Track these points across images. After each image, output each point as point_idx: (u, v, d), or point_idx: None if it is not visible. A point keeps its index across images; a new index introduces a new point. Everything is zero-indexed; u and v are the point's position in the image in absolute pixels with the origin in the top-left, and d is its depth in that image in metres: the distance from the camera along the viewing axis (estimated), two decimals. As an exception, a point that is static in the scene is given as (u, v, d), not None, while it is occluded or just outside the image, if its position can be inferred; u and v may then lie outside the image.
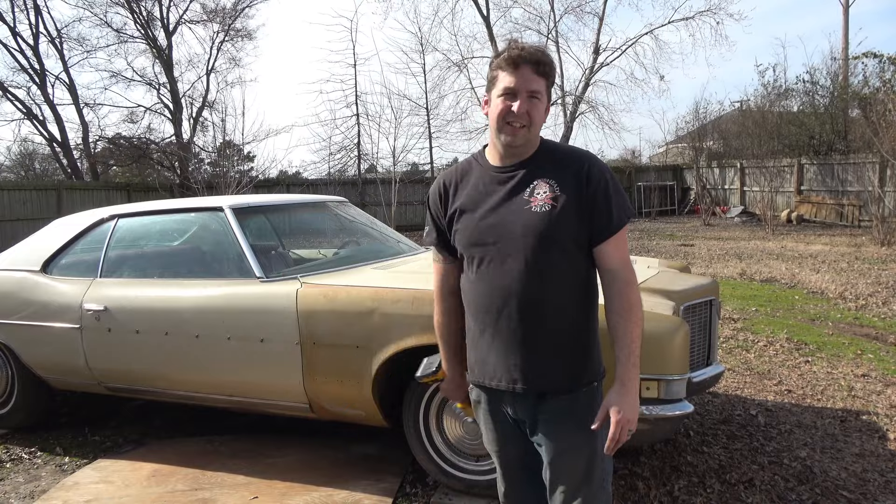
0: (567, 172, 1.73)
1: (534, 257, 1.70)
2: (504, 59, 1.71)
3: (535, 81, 1.70)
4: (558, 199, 1.71)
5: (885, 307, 6.78)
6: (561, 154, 1.79)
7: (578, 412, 1.75)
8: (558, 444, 1.76)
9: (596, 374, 1.80)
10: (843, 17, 24.29)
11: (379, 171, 21.30)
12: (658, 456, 3.34)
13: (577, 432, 1.74)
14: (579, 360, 1.76)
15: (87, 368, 3.72)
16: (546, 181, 1.73)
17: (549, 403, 1.75)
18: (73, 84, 21.27)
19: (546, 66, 1.72)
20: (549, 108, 1.80)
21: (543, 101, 1.73)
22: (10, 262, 4.13)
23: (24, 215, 15.33)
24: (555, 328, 1.73)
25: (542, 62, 1.71)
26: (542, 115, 1.75)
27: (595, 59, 21.82)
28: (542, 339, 1.73)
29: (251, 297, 3.25)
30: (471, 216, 1.79)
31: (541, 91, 1.72)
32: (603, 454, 1.75)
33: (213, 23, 22.63)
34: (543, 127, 1.82)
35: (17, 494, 3.29)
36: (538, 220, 1.70)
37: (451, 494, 3.01)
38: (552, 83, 1.77)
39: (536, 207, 1.71)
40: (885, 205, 13.77)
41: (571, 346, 1.75)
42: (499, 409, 1.85)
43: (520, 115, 1.69)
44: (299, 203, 4.64)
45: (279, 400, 3.28)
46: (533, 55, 1.70)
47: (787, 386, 4.41)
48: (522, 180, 1.75)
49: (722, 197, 20.97)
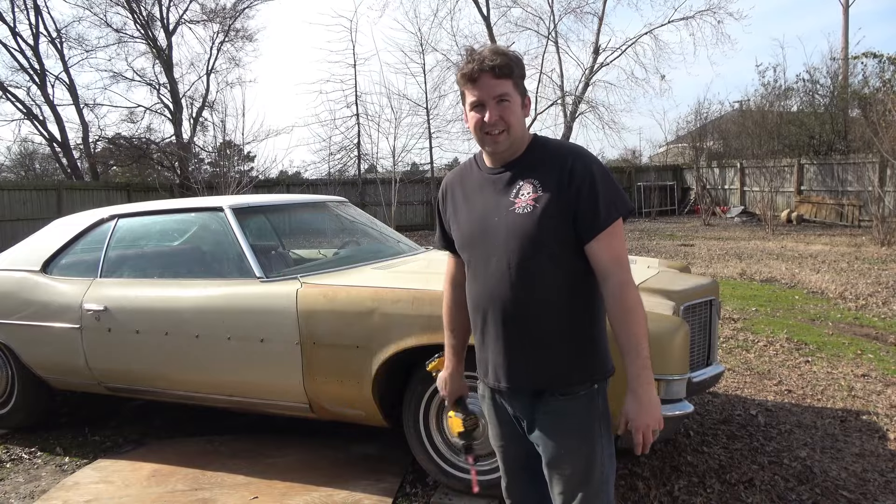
0: (551, 170, 1.70)
1: (516, 259, 1.69)
2: (461, 76, 1.71)
3: (499, 86, 1.68)
4: (540, 199, 1.68)
5: (885, 307, 6.78)
6: (549, 151, 1.75)
7: (576, 413, 1.73)
8: (554, 444, 1.75)
9: (595, 374, 1.75)
10: (843, 17, 24.32)
11: (379, 171, 21.32)
12: (658, 456, 3.34)
13: (573, 434, 1.73)
14: (573, 360, 1.73)
15: (87, 368, 3.72)
16: (530, 181, 1.71)
17: (546, 403, 1.74)
18: (73, 84, 21.30)
19: (504, 68, 1.68)
20: (528, 101, 1.77)
21: (514, 100, 1.70)
22: (10, 262, 4.13)
23: (24, 215, 15.33)
24: (541, 329, 1.71)
25: (499, 66, 1.67)
26: (519, 114, 1.72)
27: (595, 59, 21.83)
28: (528, 340, 1.72)
29: (251, 297, 3.25)
30: (464, 218, 1.82)
31: (507, 92, 1.69)
32: (603, 457, 1.73)
33: (212, 23, 22.67)
34: (544, 127, 1.81)
35: (17, 494, 3.29)
36: (520, 222, 1.69)
37: (451, 494, 3.01)
38: (520, 76, 1.73)
39: (519, 209, 1.69)
40: (885, 205, 13.76)
41: (562, 346, 1.72)
42: (501, 407, 1.86)
43: (493, 123, 1.69)
44: (299, 203, 4.64)
45: (279, 400, 3.28)
46: (486, 62, 1.66)
47: (787, 386, 4.41)
48: (509, 181, 1.74)
49: (722, 197, 20.97)
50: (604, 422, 1.77)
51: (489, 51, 1.70)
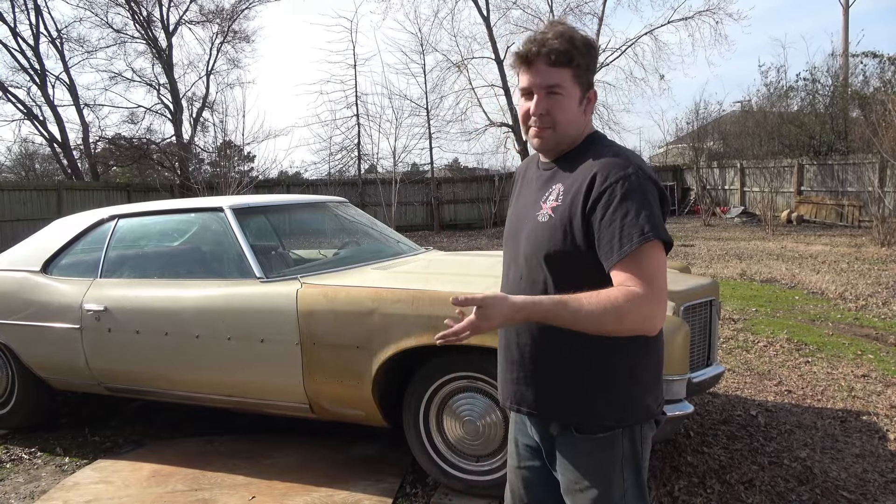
0: (578, 178, 1.49)
1: (527, 273, 1.54)
2: (515, 56, 1.51)
3: (554, 74, 1.47)
4: (557, 209, 1.50)
5: (885, 307, 6.78)
6: (589, 154, 1.51)
7: (594, 454, 1.53)
8: (567, 482, 1.58)
9: (623, 417, 1.52)
10: (843, 17, 24.31)
11: (379, 172, 21.35)
12: (658, 456, 3.34)
13: (591, 476, 1.54)
14: (589, 396, 1.51)
15: (88, 369, 3.72)
16: (560, 185, 1.52)
17: (563, 435, 1.56)
18: (73, 84, 21.29)
19: (565, 55, 1.46)
20: (593, 95, 1.54)
21: (569, 94, 1.49)
22: (10, 263, 4.13)
23: (24, 215, 15.32)
24: (551, 359, 1.53)
25: (559, 51, 1.45)
26: (573, 110, 1.51)
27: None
28: (537, 367, 1.55)
29: (251, 297, 3.25)
30: (510, 212, 1.69)
31: (560, 84, 1.48)
32: (626, 500, 1.54)
33: (212, 24, 22.67)
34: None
35: (17, 495, 3.29)
36: (537, 231, 1.52)
37: (451, 495, 3.01)
38: (584, 68, 1.49)
39: (541, 216, 1.52)
40: (885, 205, 13.75)
41: (574, 380, 1.52)
42: (521, 428, 1.70)
43: (538, 115, 1.50)
44: (299, 203, 4.64)
45: (279, 400, 3.28)
46: (545, 45, 1.46)
47: (787, 386, 4.41)
48: (547, 180, 1.57)
49: (722, 197, 20.96)
50: (630, 468, 1.54)
51: (554, 32, 1.48)
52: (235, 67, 25.42)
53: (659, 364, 1.59)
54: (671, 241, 1.45)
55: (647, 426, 1.57)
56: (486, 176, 21.95)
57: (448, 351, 2.82)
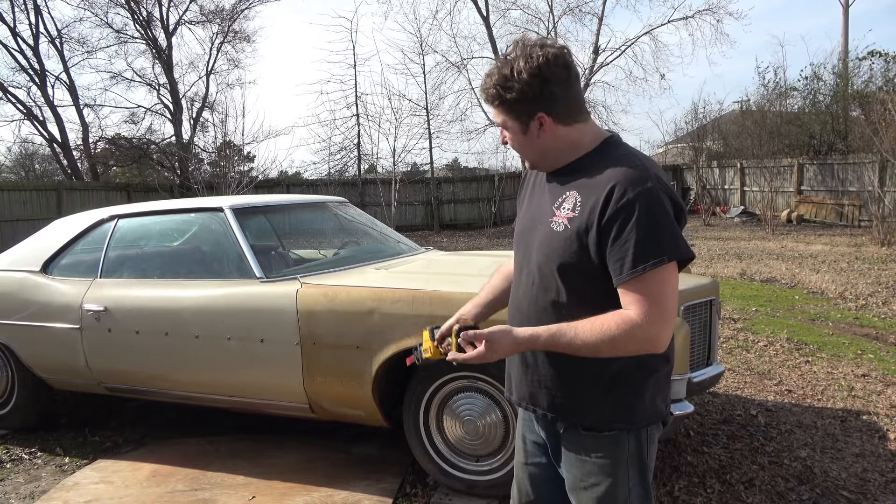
0: (595, 189, 1.47)
1: (539, 279, 1.56)
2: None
3: (496, 114, 1.55)
4: (573, 220, 1.49)
5: (885, 307, 6.78)
6: (605, 163, 1.50)
7: (598, 452, 1.56)
8: (573, 479, 1.61)
9: (631, 420, 1.55)
10: (843, 17, 24.29)
11: (379, 172, 21.34)
12: (658, 456, 3.34)
13: (594, 474, 1.57)
14: (596, 397, 1.54)
15: (88, 369, 3.72)
16: (576, 194, 1.51)
17: (567, 434, 1.60)
18: (73, 84, 21.26)
19: (495, 97, 1.51)
20: (539, 120, 1.50)
21: (512, 131, 1.54)
22: (10, 263, 4.13)
23: (24, 215, 15.32)
24: (560, 361, 1.54)
25: (489, 94, 1.52)
26: (519, 143, 1.55)
27: (594, 59, 21.83)
28: (545, 368, 1.58)
29: (251, 297, 3.25)
30: (520, 215, 1.72)
31: (504, 122, 1.54)
32: (629, 501, 1.56)
33: (212, 24, 22.66)
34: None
35: (17, 495, 3.29)
36: (551, 239, 1.52)
37: (451, 495, 3.01)
38: (517, 100, 1.48)
39: (555, 224, 1.52)
40: (885, 205, 13.76)
41: (583, 383, 1.54)
42: (529, 425, 1.73)
43: (510, 146, 1.59)
44: (299, 203, 4.64)
45: (279, 400, 3.28)
46: (483, 88, 1.53)
47: (787, 386, 4.41)
48: (558, 187, 1.57)
49: (722, 197, 20.96)
50: (635, 466, 1.57)
51: (493, 69, 1.52)
52: (235, 67, 25.39)
53: (669, 365, 1.61)
54: (691, 255, 1.45)
55: (654, 426, 1.60)
56: (486, 176, 21.96)
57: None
